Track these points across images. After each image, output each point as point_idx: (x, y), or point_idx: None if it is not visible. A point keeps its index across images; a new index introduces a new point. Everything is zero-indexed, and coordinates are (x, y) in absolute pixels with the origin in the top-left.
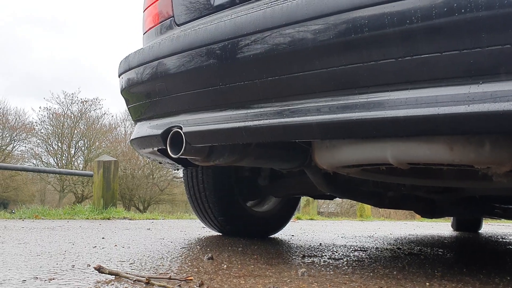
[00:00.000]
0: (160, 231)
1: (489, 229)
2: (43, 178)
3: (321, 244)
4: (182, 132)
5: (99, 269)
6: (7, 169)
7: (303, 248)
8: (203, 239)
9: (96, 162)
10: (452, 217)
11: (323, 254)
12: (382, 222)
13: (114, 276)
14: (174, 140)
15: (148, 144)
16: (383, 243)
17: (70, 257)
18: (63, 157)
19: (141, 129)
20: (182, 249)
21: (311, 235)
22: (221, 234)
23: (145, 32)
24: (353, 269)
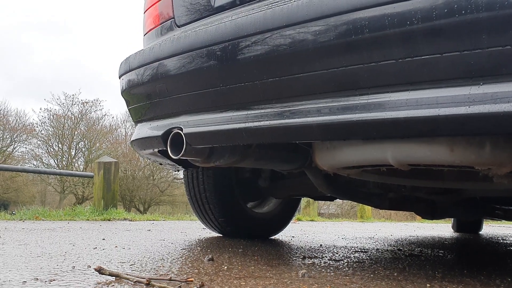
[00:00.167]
0: (160, 232)
1: (490, 230)
2: (44, 179)
3: (321, 245)
4: (183, 133)
5: (100, 270)
6: (7, 170)
7: (303, 249)
8: (204, 240)
9: (97, 163)
10: (453, 219)
11: (323, 255)
12: (382, 223)
13: (114, 277)
14: (174, 141)
15: (148, 145)
16: (384, 244)
17: (70, 258)
18: (64, 158)
19: (141, 130)
20: (182, 250)
21: (311, 236)
22: (221, 235)
23: (146, 33)
24: (353, 270)
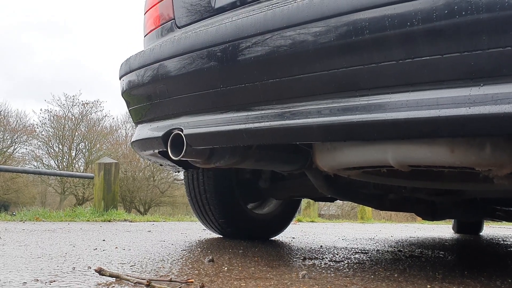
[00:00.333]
0: (160, 233)
1: (490, 231)
2: (44, 180)
3: (322, 246)
4: (183, 134)
5: (100, 272)
6: (8, 171)
7: (304, 250)
8: (204, 241)
9: (97, 164)
10: (453, 220)
11: (324, 257)
12: (383, 225)
13: (114, 279)
14: (175, 142)
15: (149, 146)
16: (384, 245)
17: (70, 259)
18: (64, 159)
19: (142, 131)
20: (183, 251)
21: (312, 238)
22: (222, 236)
23: (146, 34)
24: (354, 271)
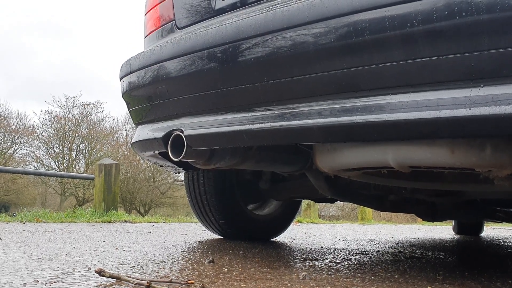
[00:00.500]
0: (161, 234)
1: (491, 232)
2: (44, 181)
3: (322, 247)
4: (183, 135)
5: (100, 273)
6: (8, 172)
7: (304, 251)
8: (204, 242)
9: (97, 165)
10: (454, 221)
11: (324, 258)
12: (383, 226)
13: (115, 280)
14: (175, 143)
15: (149, 147)
16: (385, 246)
17: (71, 260)
18: (64, 160)
19: (142, 132)
20: (183, 252)
21: (312, 239)
22: (222, 237)
23: (146, 35)
24: (354, 272)
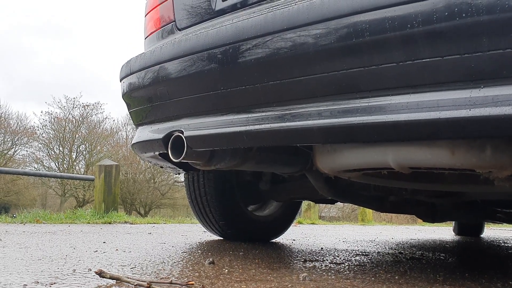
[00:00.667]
0: (161, 235)
1: (491, 233)
2: (45, 182)
3: (322, 248)
4: (184, 136)
5: (100, 274)
6: (8, 174)
7: (304, 252)
8: (204, 243)
9: (98, 167)
10: (454, 222)
11: (324, 259)
12: (383, 227)
13: (115, 281)
14: (175, 144)
15: (149, 148)
16: (385, 247)
17: (71, 261)
18: (65, 162)
19: (142, 133)
20: (183, 253)
21: (312, 240)
22: (222, 238)
23: (147, 36)
24: (354, 273)
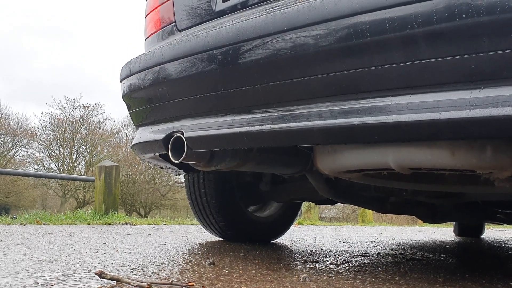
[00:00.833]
0: (161, 236)
1: (491, 234)
2: (45, 183)
3: (322, 249)
4: (184, 137)
5: (101, 275)
6: (8, 174)
7: (304, 253)
8: (205, 244)
9: (98, 167)
10: (454, 223)
11: (325, 260)
12: (384, 227)
13: (115, 282)
14: (175, 145)
15: (149, 149)
16: (385, 248)
17: (71, 262)
18: (65, 162)
19: (142, 134)
20: (183, 254)
21: (312, 240)
22: (222, 239)
23: (147, 37)
24: (355, 274)
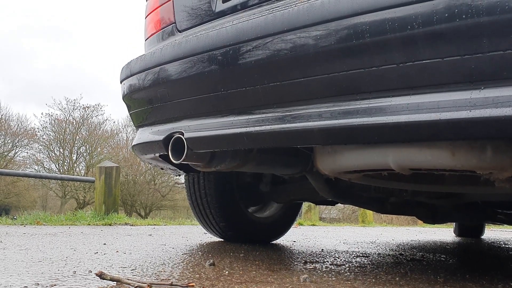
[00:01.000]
0: (161, 237)
1: (492, 234)
2: (45, 184)
3: (323, 250)
4: (184, 138)
5: (101, 276)
6: (9, 175)
7: (305, 254)
8: (205, 245)
9: (98, 168)
10: (455, 223)
11: (325, 260)
12: (384, 228)
13: (115, 283)
14: (175, 146)
15: (150, 150)
16: (385, 249)
17: (71, 263)
18: (65, 163)
19: (143, 135)
20: (183, 255)
21: (313, 241)
22: (222, 240)
23: (147, 38)
24: (355, 275)
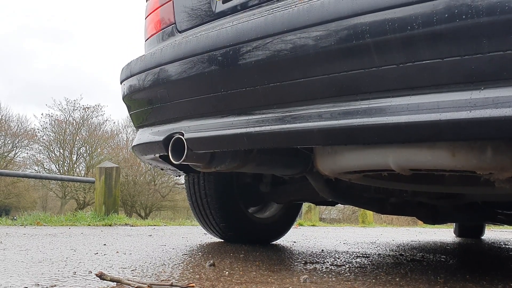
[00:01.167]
0: (161, 237)
1: (492, 235)
2: (45, 184)
3: (323, 250)
4: (184, 139)
5: (101, 276)
6: (9, 176)
7: (305, 254)
8: (205, 245)
9: (98, 169)
10: (455, 223)
11: (325, 261)
12: (384, 228)
13: (115, 283)
14: (175, 147)
15: (150, 151)
16: (386, 249)
17: (71, 264)
18: (65, 164)
19: (143, 135)
20: (183, 255)
21: (313, 242)
22: (223, 240)
23: (147, 39)
24: (355, 275)
